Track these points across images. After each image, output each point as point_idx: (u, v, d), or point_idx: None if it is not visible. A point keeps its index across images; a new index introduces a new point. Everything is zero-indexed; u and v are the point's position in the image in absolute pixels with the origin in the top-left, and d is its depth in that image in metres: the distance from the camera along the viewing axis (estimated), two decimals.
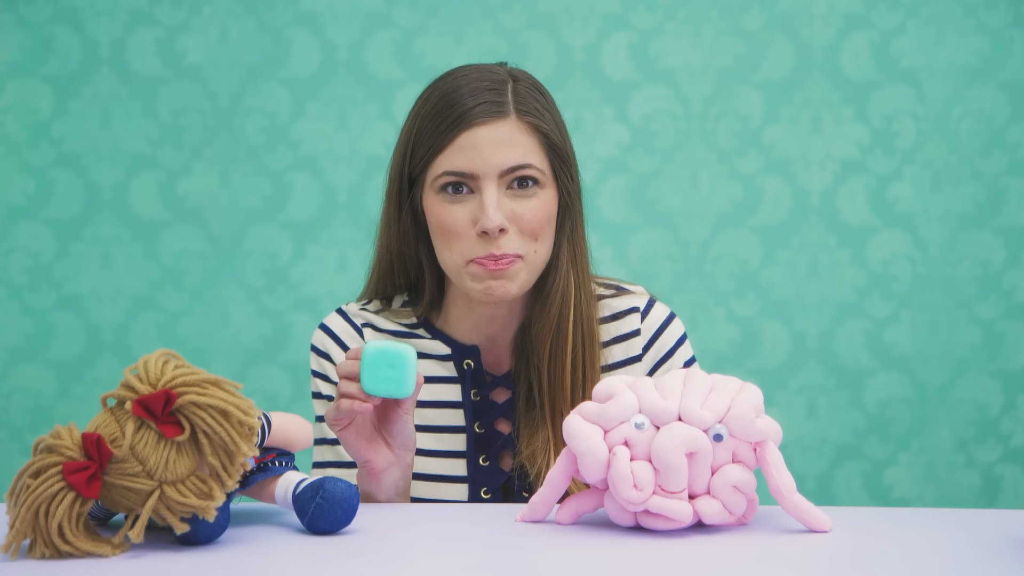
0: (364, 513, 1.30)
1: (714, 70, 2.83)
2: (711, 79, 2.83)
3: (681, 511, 1.24)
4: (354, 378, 1.38)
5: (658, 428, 1.25)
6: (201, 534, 1.18)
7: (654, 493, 1.24)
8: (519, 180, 1.51)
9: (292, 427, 1.31)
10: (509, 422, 1.58)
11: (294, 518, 1.30)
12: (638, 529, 1.28)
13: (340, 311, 1.64)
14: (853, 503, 2.83)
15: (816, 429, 2.85)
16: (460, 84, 1.52)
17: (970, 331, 2.85)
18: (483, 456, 1.57)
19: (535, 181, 1.51)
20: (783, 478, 1.26)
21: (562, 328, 1.55)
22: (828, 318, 2.85)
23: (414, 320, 1.61)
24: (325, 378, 1.61)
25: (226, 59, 2.81)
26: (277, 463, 1.30)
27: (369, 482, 1.45)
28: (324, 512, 1.24)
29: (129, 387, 1.16)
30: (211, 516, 1.15)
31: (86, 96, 2.81)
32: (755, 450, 1.27)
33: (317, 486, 1.24)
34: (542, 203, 1.51)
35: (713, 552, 1.20)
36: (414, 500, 1.57)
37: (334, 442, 1.59)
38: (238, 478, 1.17)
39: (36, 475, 1.14)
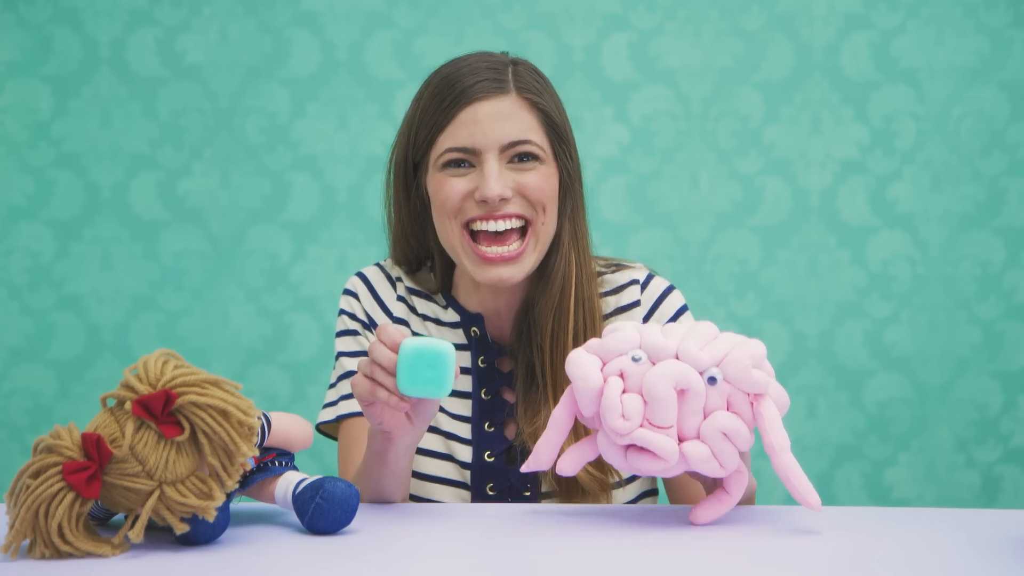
0: (364, 513, 1.30)
1: (714, 70, 2.83)
2: (711, 79, 2.83)
3: (667, 447, 1.23)
4: (390, 370, 1.33)
5: (655, 364, 1.26)
6: (201, 534, 1.18)
7: (641, 426, 1.24)
8: (519, 155, 1.53)
9: (292, 427, 1.31)
10: (514, 392, 1.59)
11: (294, 518, 1.30)
12: (638, 530, 1.28)
13: (378, 264, 1.69)
14: (853, 503, 2.83)
15: (816, 429, 2.85)
16: (461, 66, 1.56)
17: (970, 331, 2.85)
18: (488, 423, 1.58)
19: (535, 156, 1.54)
20: (777, 434, 1.27)
21: (563, 307, 1.57)
22: (828, 318, 2.85)
23: (434, 286, 1.66)
24: (352, 316, 1.65)
25: (226, 59, 2.81)
26: (277, 463, 1.30)
27: (383, 444, 1.43)
28: (324, 512, 1.24)
29: (129, 387, 1.16)
30: (211, 516, 1.15)
31: (86, 96, 2.81)
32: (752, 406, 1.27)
33: (317, 486, 1.24)
34: (544, 176, 1.54)
35: (713, 552, 1.20)
36: (422, 451, 1.59)
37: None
38: (238, 478, 1.17)
39: (36, 475, 1.14)
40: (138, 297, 2.83)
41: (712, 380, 1.25)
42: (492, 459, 1.58)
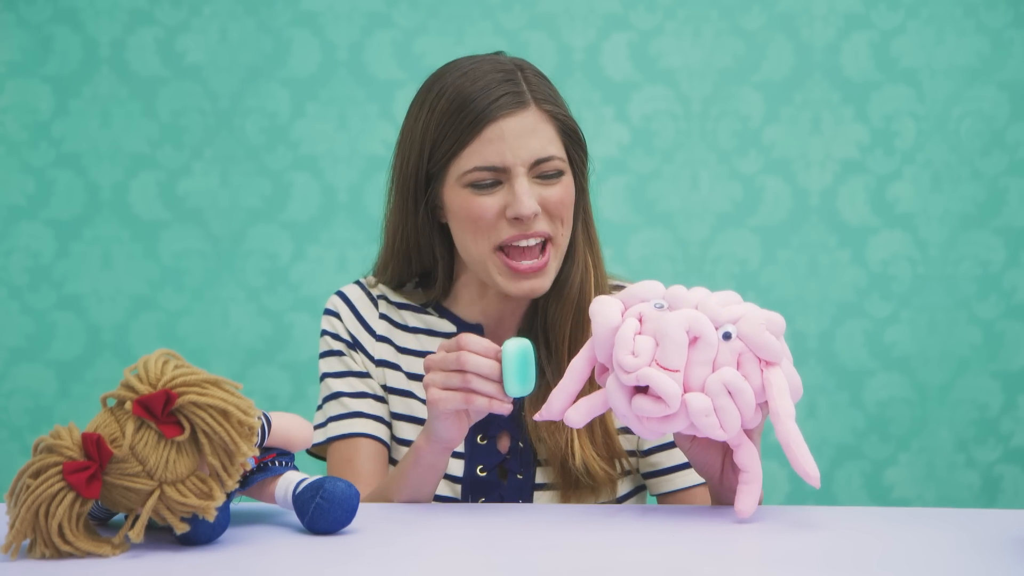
0: (364, 513, 1.30)
1: (714, 70, 2.83)
2: (711, 79, 2.83)
3: (670, 388, 1.24)
4: (493, 377, 1.35)
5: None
6: (201, 534, 1.18)
7: (649, 366, 1.25)
8: (546, 172, 1.54)
9: (292, 427, 1.31)
10: None
11: (294, 518, 1.30)
12: (639, 530, 1.28)
13: (358, 282, 1.70)
14: (853, 503, 2.83)
15: (816, 429, 2.85)
16: (474, 77, 1.54)
17: (970, 331, 2.85)
18: (481, 435, 1.58)
19: (559, 171, 1.54)
20: (783, 402, 1.27)
21: (582, 309, 1.57)
22: (828, 318, 2.85)
23: (425, 300, 1.65)
24: (336, 336, 1.67)
25: (226, 59, 2.81)
26: (277, 463, 1.30)
27: (437, 455, 1.44)
28: (324, 512, 1.24)
29: (129, 387, 1.16)
30: (211, 516, 1.15)
31: (86, 96, 2.81)
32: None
33: (317, 486, 1.24)
34: (566, 188, 1.55)
35: (713, 552, 1.20)
36: None
37: (345, 395, 1.63)
38: (238, 478, 1.17)
39: (36, 475, 1.14)
40: (138, 297, 2.83)
41: (727, 336, 1.27)
42: (484, 473, 1.57)
